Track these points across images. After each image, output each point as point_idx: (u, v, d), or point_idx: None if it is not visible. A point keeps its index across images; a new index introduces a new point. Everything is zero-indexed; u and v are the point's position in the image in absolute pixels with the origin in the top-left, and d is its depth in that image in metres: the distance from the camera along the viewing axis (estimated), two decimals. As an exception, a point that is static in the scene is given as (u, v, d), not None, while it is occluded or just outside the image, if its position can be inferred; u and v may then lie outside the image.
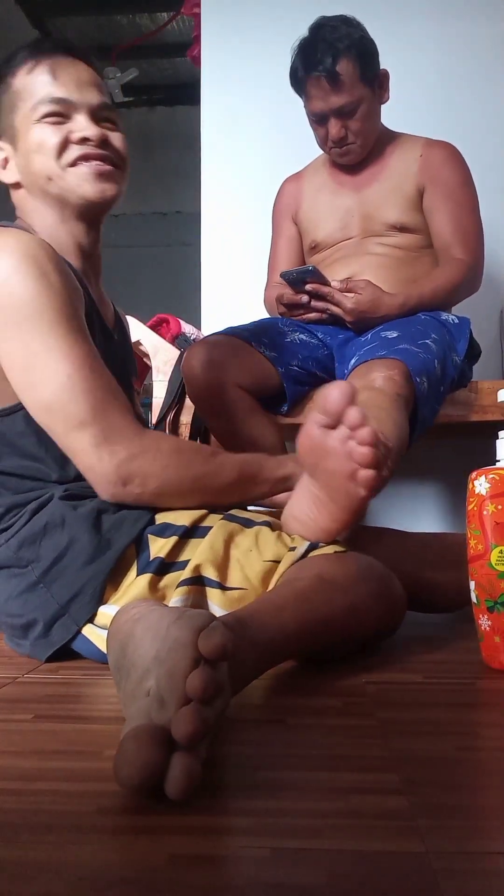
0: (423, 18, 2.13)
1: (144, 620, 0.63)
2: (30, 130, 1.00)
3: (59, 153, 0.99)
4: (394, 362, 1.30)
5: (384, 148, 1.64)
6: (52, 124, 0.99)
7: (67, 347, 0.92)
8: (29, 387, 0.93)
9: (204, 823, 0.48)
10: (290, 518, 0.99)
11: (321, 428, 0.89)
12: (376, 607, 0.87)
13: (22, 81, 1.01)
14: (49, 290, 0.92)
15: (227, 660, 0.55)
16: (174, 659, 0.54)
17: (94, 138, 1.00)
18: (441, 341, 1.42)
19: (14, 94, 1.02)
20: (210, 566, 0.92)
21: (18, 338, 0.92)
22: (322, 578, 0.84)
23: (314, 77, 1.51)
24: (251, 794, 0.52)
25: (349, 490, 0.89)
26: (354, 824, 0.47)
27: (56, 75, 1.00)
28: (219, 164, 2.18)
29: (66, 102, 1.00)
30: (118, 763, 0.49)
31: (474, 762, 0.59)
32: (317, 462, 0.91)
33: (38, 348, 0.91)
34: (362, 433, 0.86)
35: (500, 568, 0.81)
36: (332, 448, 0.88)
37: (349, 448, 0.87)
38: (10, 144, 1.04)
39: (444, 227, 1.56)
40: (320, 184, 1.70)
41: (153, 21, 4.01)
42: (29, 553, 0.95)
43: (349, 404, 0.86)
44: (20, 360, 0.92)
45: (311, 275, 1.48)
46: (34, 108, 1.00)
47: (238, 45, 2.19)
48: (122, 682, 0.61)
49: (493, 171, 1.98)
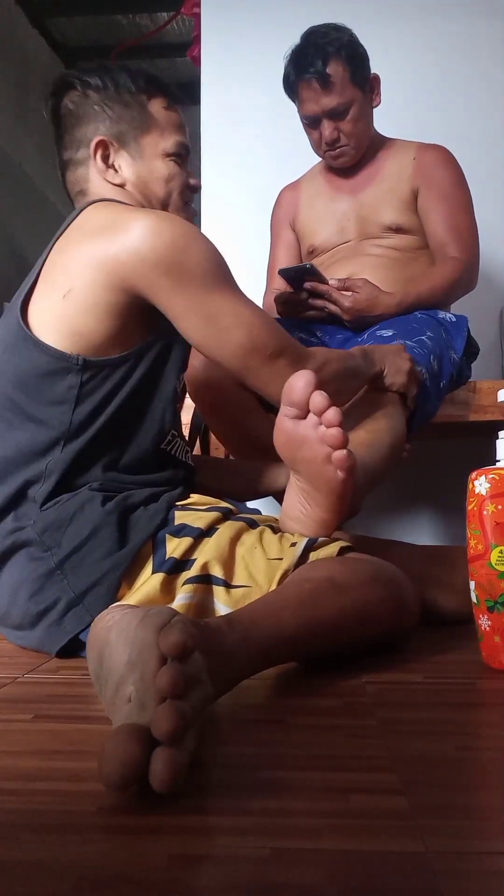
0: (419, 19, 2.13)
1: (116, 626, 0.63)
2: (158, 159, 1.13)
3: (182, 192, 1.15)
4: None
5: (378, 152, 1.66)
6: (178, 165, 1.14)
7: (241, 295, 1.04)
8: (219, 332, 1.01)
9: (204, 823, 0.48)
10: (286, 518, 1.02)
11: (292, 419, 0.93)
12: (386, 613, 0.87)
13: (159, 113, 1.13)
14: (215, 251, 1.03)
15: (188, 655, 0.55)
16: (143, 661, 0.55)
17: (198, 187, 1.18)
18: (437, 338, 1.43)
19: (150, 118, 1.13)
20: (216, 564, 0.93)
21: (199, 293, 0.99)
22: (332, 581, 0.84)
23: (305, 80, 1.54)
24: (251, 794, 0.52)
25: (328, 474, 0.93)
26: (354, 824, 0.47)
27: (182, 125, 1.16)
28: (219, 164, 2.18)
29: (187, 150, 1.15)
30: (101, 762, 0.49)
31: (474, 762, 0.59)
32: (294, 454, 0.95)
33: (219, 300, 1.01)
34: (328, 415, 0.90)
35: (500, 568, 0.81)
36: (305, 436, 0.92)
37: (320, 433, 0.91)
38: (124, 151, 1.12)
39: (439, 227, 1.58)
40: (316, 190, 1.71)
41: (153, 21, 4.02)
42: (51, 539, 0.96)
43: (313, 391, 0.91)
44: (202, 312, 1.00)
45: (309, 273, 1.48)
46: (167, 142, 1.13)
47: (238, 45, 2.19)
48: (102, 691, 0.62)
49: (490, 171, 1.99)
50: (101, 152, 1.11)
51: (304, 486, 0.97)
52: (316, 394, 0.91)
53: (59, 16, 4.03)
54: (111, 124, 1.11)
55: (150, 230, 0.97)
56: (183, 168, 1.15)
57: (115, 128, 1.11)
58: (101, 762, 0.49)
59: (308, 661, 0.85)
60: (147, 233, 0.97)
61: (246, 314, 1.02)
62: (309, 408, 0.92)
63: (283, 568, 0.92)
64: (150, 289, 0.98)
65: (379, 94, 1.61)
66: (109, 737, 0.50)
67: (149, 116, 1.12)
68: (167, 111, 1.14)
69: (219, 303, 1.01)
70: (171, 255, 0.97)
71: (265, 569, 0.93)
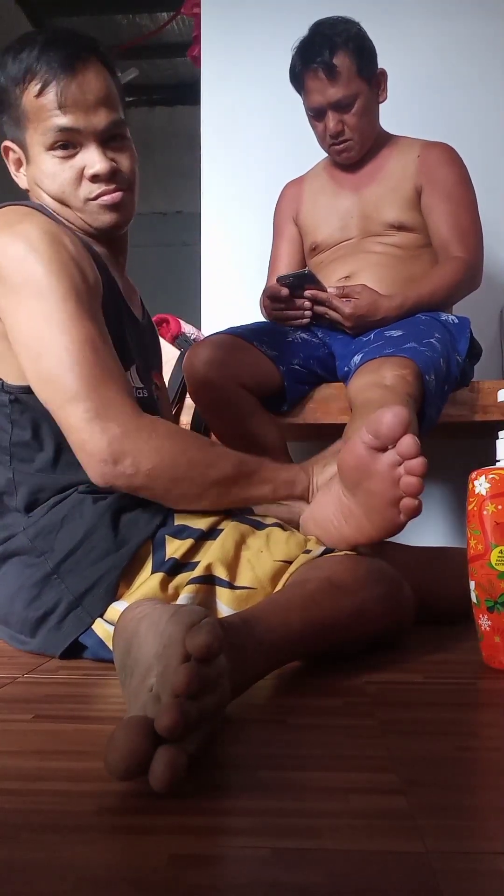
0: (420, 19, 2.12)
1: (148, 618, 0.64)
2: (40, 155, 1.01)
3: (73, 188, 1.01)
4: (405, 361, 1.30)
5: (382, 149, 1.65)
6: (63, 157, 1.00)
7: (70, 323, 0.91)
8: (30, 360, 0.93)
9: (204, 823, 0.48)
10: (310, 521, 0.99)
11: (369, 449, 0.88)
12: (384, 610, 0.88)
13: (30, 103, 0.99)
14: (62, 270, 0.92)
15: (213, 658, 0.55)
16: (167, 656, 0.56)
17: (103, 173, 1.00)
18: (443, 340, 1.42)
19: (22, 113, 1.00)
20: (220, 565, 0.93)
21: (28, 312, 0.92)
22: (331, 581, 0.84)
23: (312, 70, 1.53)
24: (251, 794, 0.52)
25: (389, 514, 0.89)
26: (354, 824, 0.47)
27: (64, 100, 0.98)
28: (219, 164, 2.18)
29: (74, 131, 0.99)
30: (107, 751, 0.50)
31: (474, 762, 0.59)
32: (359, 480, 0.90)
33: (42, 323, 0.91)
34: (414, 464, 0.85)
35: (500, 568, 0.81)
36: (379, 471, 0.87)
37: (397, 475, 0.86)
38: (23, 152, 1.04)
39: (442, 226, 1.57)
40: (320, 186, 1.71)
41: (153, 21, 4.01)
42: (44, 543, 0.95)
43: (405, 431, 0.86)
44: (26, 332, 0.93)
45: (309, 280, 1.48)
46: (43, 134, 0.99)
47: (238, 45, 2.19)
48: (127, 681, 0.62)
49: (491, 170, 1.98)
50: (11, 156, 1.06)
51: (353, 508, 0.92)
52: (409, 437, 0.85)
53: (59, 16, 4.03)
54: (9, 126, 1.04)
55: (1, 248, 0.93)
56: (73, 159, 1.00)
57: (11, 129, 1.03)
58: (108, 751, 0.50)
59: (310, 660, 0.85)
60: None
61: (59, 346, 0.90)
62: (396, 448, 0.86)
63: (291, 572, 0.92)
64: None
65: (385, 89, 1.61)
66: (121, 726, 0.50)
67: (23, 112, 1.00)
68: (39, 97, 0.98)
69: (39, 327, 0.91)
70: (9, 274, 0.93)
71: (271, 571, 0.93)
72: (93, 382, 0.90)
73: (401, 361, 1.30)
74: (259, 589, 0.92)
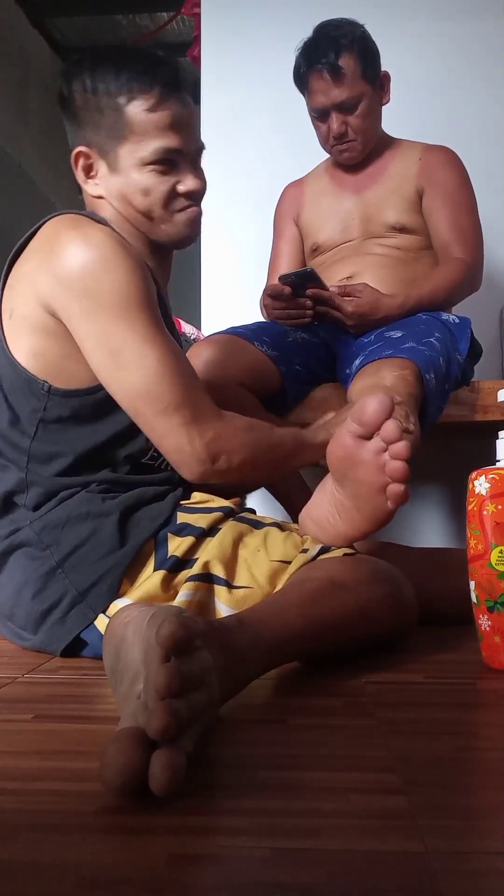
0: (420, 20, 2.12)
1: (133, 623, 0.64)
2: (135, 170, 1.02)
3: (166, 202, 1.05)
4: (404, 361, 1.30)
5: (384, 152, 1.65)
6: (161, 173, 1.03)
7: (153, 335, 0.96)
8: (117, 370, 0.95)
9: (204, 823, 0.48)
10: (308, 520, 1.00)
11: (355, 438, 0.88)
12: (386, 610, 0.88)
13: (138, 116, 1.01)
14: (137, 282, 0.96)
15: (185, 649, 0.55)
16: (149, 660, 0.55)
17: (197, 191, 1.06)
18: (444, 340, 1.42)
19: (126, 125, 1.01)
20: (218, 563, 0.93)
21: (106, 324, 0.94)
22: (332, 581, 0.84)
23: (316, 70, 1.53)
24: (251, 794, 0.52)
25: (377, 502, 0.89)
26: (354, 824, 0.47)
27: (172, 124, 1.02)
28: (219, 164, 2.18)
29: (178, 151, 1.03)
30: (102, 767, 0.49)
31: (474, 762, 0.59)
32: (346, 471, 0.91)
33: (126, 335, 0.94)
34: (398, 447, 0.86)
35: (500, 568, 0.81)
36: (365, 459, 0.88)
37: (382, 461, 0.87)
38: (103, 161, 1.04)
39: (443, 228, 1.57)
40: (321, 188, 1.71)
41: (153, 21, 4.01)
42: (49, 537, 0.96)
43: (387, 417, 0.86)
44: (106, 345, 0.95)
45: (310, 278, 1.48)
46: (145, 150, 1.01)
47: (238, 45, 2.19)
48: (117, 687, 0.62)
49: (491, 171, 1.98)
50: (81, 162, 1.05)
51: (343, 502, 0.93)
52: (390, 422, 0.86)
53: (59, 16, 4.03)
54: (91, 132, 1.03)
55: (72, 253, 0.94)
56: (169, 175, 1.04)
57: (95, 136, 1.03)
58: (103, 767, 0.49)
59: (310, 660, 0.85)
60: (68, 255, 0.94)
61: (150, 358, 0.95)
62: (380, 433, 0.87)
63: (291, 572, 0.92)
64: (62, 311, 0.95)
65: (388, 91, 1.61)
66: (111, 740, 0.50)
67: (125, 123, 1.01)
68: (150, 113, 1.00)
69: (125, 338, 0.94)
70: (84, 281, 0.93)
71: (268, 571, 0.93)
72: (184, 391, 0.97)
73: (400, 362, 1.30)
74: (256, 588, 0.92)
